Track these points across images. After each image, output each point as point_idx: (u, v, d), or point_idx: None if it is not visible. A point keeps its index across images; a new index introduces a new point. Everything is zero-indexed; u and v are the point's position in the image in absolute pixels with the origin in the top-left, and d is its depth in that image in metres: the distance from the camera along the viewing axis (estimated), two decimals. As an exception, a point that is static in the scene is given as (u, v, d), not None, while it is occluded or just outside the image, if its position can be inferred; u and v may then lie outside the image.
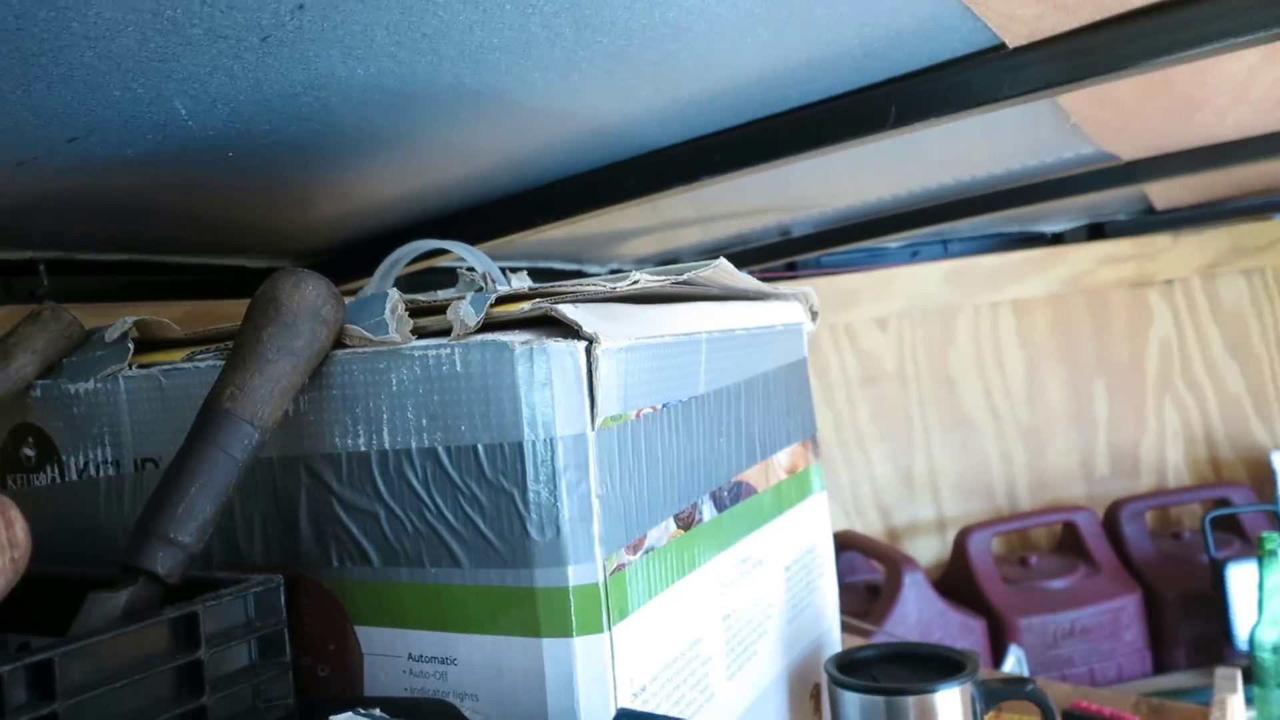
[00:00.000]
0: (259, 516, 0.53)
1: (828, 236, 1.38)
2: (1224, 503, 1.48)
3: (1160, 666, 1.38)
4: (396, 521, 0.49)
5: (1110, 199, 1.53)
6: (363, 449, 0.49)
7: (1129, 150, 1.07)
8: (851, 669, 0.68)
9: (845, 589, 1.41)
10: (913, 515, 1.60)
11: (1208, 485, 1.60)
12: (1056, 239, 1.70)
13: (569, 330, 0.47)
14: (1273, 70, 0.77)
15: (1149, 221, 1.63)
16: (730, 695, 0.58)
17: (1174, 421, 1.67)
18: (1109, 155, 1.10)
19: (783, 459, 0.70)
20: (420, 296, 0.51)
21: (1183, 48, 0.57)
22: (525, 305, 0.47)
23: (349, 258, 0.97)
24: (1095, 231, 1.68)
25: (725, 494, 0.60)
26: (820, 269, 1.59)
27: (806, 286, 0.78)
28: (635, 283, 0.50)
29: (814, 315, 0.79)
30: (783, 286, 0.73)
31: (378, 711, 0.47)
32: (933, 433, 1.60)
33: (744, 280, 0.64)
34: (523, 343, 0.45)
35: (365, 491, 0.49)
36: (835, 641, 0.77)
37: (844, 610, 1.24)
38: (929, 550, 1.58)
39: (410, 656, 0.49)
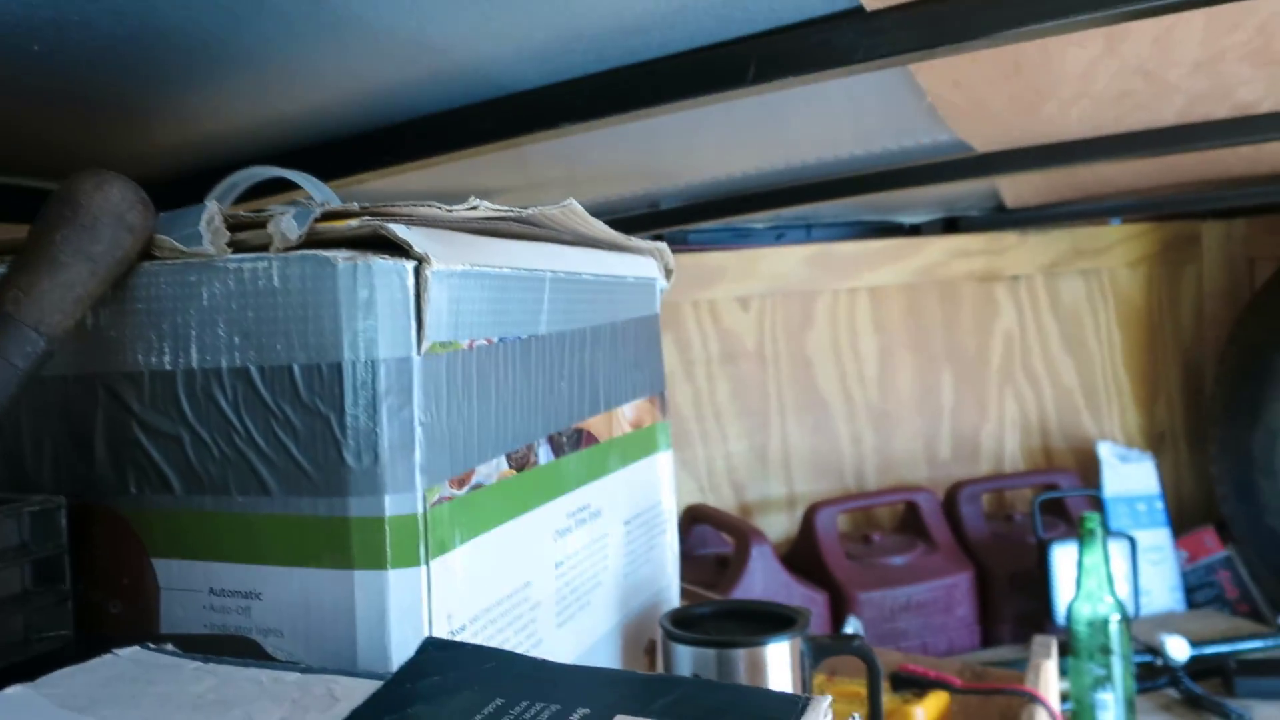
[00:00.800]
0: (49, 440, 0.48)
1: (694, 210, 1.39)
2: (1052, 487, 1.56)
3: (987, 641, 1.45)
4: (202, 446, 0.45)
5: (965, 195, 1.58)
6: (168, 368, 0.46)
7: (982, 140, 1.11)
8: (686, 624, 0.68)
9: (695, 561, 1.42)
10: (765, 492, 1.62)
11: (1039, 471, 1.68)
12: (914, 230, 1.75)
13: (399, 251, 0.44)
14: (1113, 62, 0.80)
15: (1000, 219, 1.70)
16: (559, 643, 0.57)
17: (1013, 411, 1.75)
18: (964, 145, 1.14)
19: (628, 412, 0.69)
20: (243, 212, 0.48)
21: (1030, 21, 0.59)
22: (353, 222, 0.45)
23: (189, 193, 0.92)
24: (950, 225, 1.74)
25: (564, 440, 0.59)
26: (686, 245, 1.60)
27: (661, 243, 0.77)
28: (474, 208, 0.48)
29: (668, 273, 0.78)
30: (636, 240, 0.72)
31: (169, 647, 0.44)
32: (788, 413, 1.63)
33: (595, 226, 0.62)
34: (346, 258, 0.43)
35: (169, 414, 0.46)
36: (673, 599, 0.77)
37: (693, 581, 1.26)
38: (779, 526, 1.61)
39: (211, 591, 0.46)
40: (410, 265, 0.44)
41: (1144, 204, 1.65)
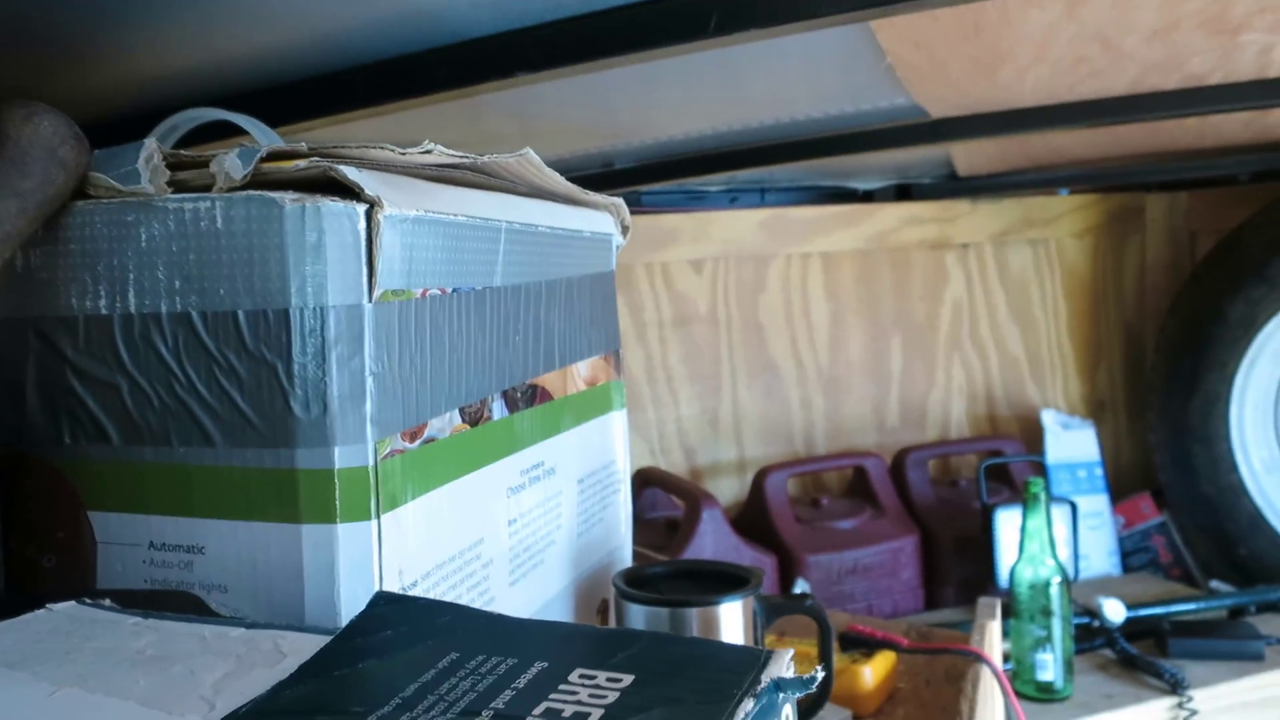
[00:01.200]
0: (-23, 387, 0.46)
1: (649, 171, 1.37)
2: (997, 454, 1.59)
3: (931, 603, 1.47)
4: (141, 394, 0.43)
5: (918, 162, 1.59)
6: (104, 312, 0.44)
7: (937, 105, 1.11)
8: (639, 584, 0.68)
9: (646, 524, 1.42)
10: (715, 456, 1.63)
11: (984, 438, 1.71)
12: (867, 196, 1.76)
13: (349, 194, 0.43)
14: (1071, 26, 0.80)
15: (951, 187, 1.71)
16: (511, 602, 0.56)
17: (960, 378, 1.77)
18: (920, 111, 1.14)
19: (583, 369, 0.68)
20: (184, 152, 0.46)
21: (993, -22, 0.58)
22: (301, 163, 0.43)
23: (127, 137, 0.88)
24: (903, 192, 1.75)
25: (519, 395, 0.58)
26: (640, 207, 1.58)
27: (618, 198, 0.76)
28: (428, 152, 0.46)
29: (625, 229, 0.77)
30: (593, 194, 0.70)
31: (107, 602, 0.42)
32: (740, 377, 1.64)
33: (551, 178, 0.61)
34: (294, 200, 0.41)
35: (105, 360, 0.44)
36: (626, 559, 0.76)
37: (643, 544, 1.26)
38: (729, 490, 1.62)
39: (152, 545, 0.44)
40: (362, 209, 0.42)
41: (1092, 175, 1.67)
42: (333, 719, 0.31)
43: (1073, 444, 1.71)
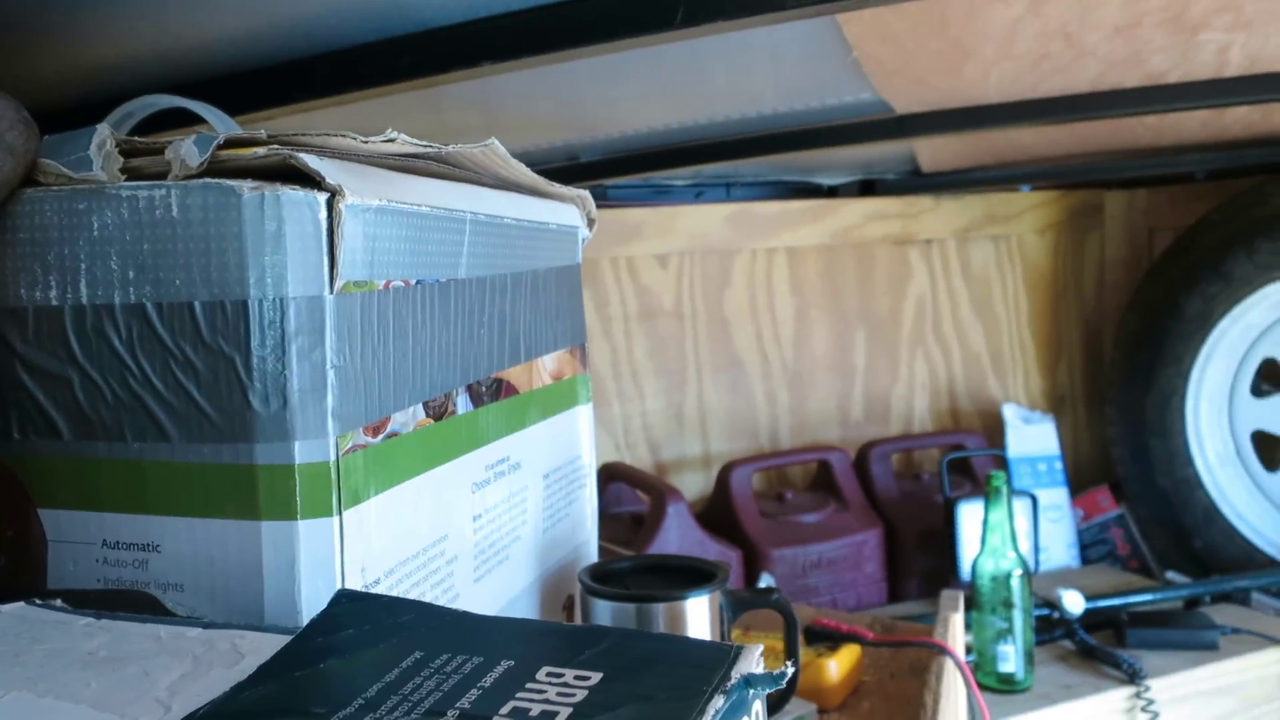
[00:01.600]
0: (-79, 380, 0.44)
1: (614, 164, 1.36)
2: (959, 448, 1.60)
3: (894, 596, 1.48)
4: (93, 388, 0.42)
5: (882, 157, 1.59)
6: (54, 303, 0.42)
7: (902, 101, 1.11)
8: (606, 579, 0.67)
9: (611, 519, 1.42)
10: (681, 451, 1.63)
11: (947, 432, 1.72)
12: (831, 192, 1.76)
13: (310, 183, 0.42)
14: (1036, 23, 0.80)
15: (915, 183, 1.72)
16: (476, 598, 0.56)
17: (923, 374, 1.78)
18: (884, 106, 1.14)
19: (548, 363, 0.67)
20: (138, 139, 0.45)
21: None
22: (260, 150, 0.42)
23: (79, 125, 0.86)
24: (867, 188, 1.76)
25: (483, 390, 0.57)
26: (606, 201, 1.57)
27: (584, 190, 0.75)
28: (391, 140, 0.45)
29: (590, 222, 0.76)
30: (559, 186, 0.70)
31: (58, 603, 0.41)
32: (705, 372, 1.64)
33: (517, 169, 0.60)
34: (252, 188, 0.40)
35: (56, 353, 0.42)
36: (592, 554, 0.76)
37: (608, 539, 1.25)
38: (694, 485, 1.62)
39: (105, 544, 0.43)
40: (323, 198, 0.41)
41: (1053, 171, 1.69)
42: (293, 720, 0.30)
43: (1033, 438, 1.73)
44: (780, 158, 1.45)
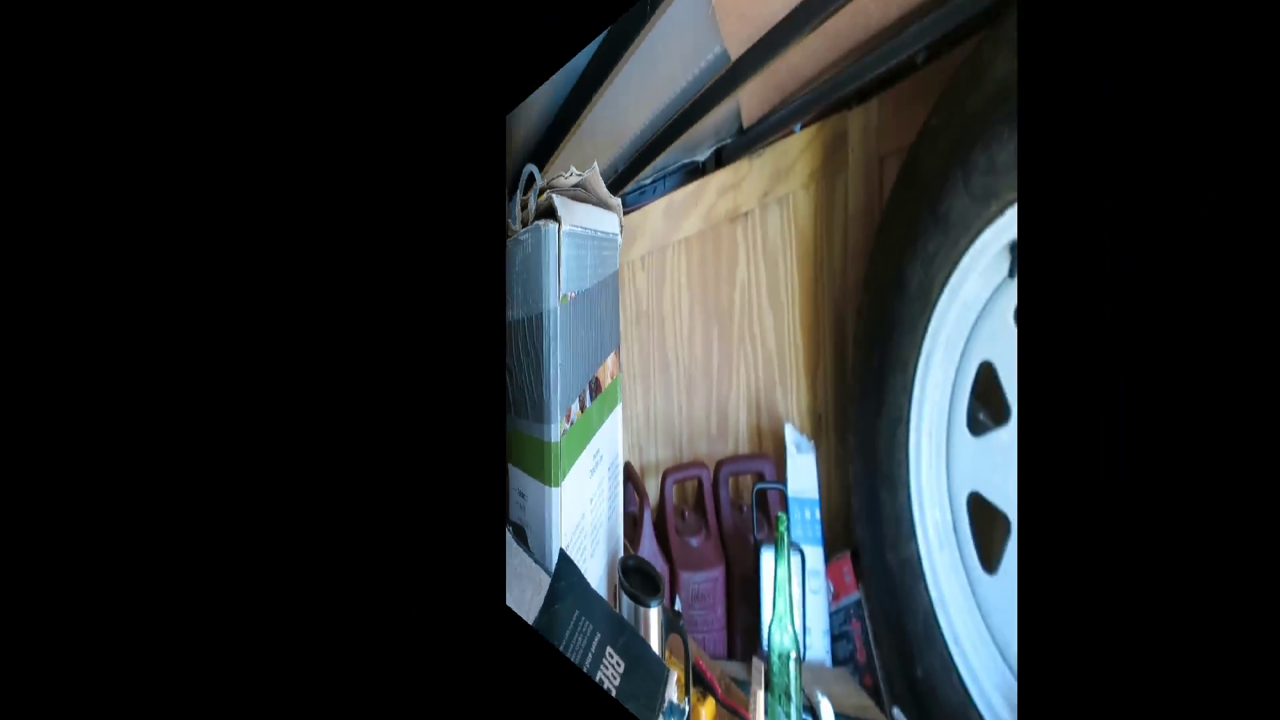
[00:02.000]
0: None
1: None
2: (762, 476, 1.06)
3: (732, 649, 1.13)
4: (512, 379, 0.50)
5: (726, 119, 1.50)
6: (509, 319, 0.49)
7: (736, 43, 1.04)
8: (625, 573, 0.71)
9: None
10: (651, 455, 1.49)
11: (757, 456, 1.08)
12: (702, 169, 1.60)
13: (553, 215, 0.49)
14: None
15: (739, 144, 1.51)
16: (592, 573, 0.62)
17: (744, 379, 1.43)
18: (726, 57, 1.07)
19: (610, 363, 0.77)
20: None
21: None
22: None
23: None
24: (717, 158, 1.56)
25: (588, 386, 0.68)
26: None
27: (617, 199, 0.78)
28: (569, 175, 0.53)
29: (621, 229, 0.82)
30: (613, 197, 0.74)
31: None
32: (654, 376, 1.47)
33: (601, 187, 0.66)
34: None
35: (508, 354, 0.50)
36: (619, 547, 0.82)
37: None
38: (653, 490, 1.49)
39: (516, 491, 0.51)
40: (555, 226, 0.49)
41: (812, 98, 1.51)
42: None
43: (802, 472, 1.34)
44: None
